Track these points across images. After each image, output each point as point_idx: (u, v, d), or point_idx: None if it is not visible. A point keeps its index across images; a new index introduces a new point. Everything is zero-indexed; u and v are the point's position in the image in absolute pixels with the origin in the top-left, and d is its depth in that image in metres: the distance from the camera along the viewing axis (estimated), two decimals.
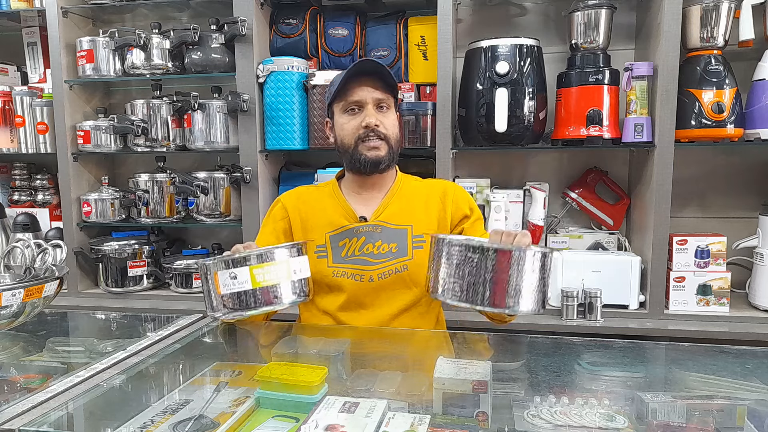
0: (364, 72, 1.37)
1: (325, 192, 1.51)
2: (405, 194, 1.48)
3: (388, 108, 1.41)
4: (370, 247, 1.40)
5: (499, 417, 0.87)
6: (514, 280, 0.87)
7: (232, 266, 0.90)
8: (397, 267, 1.40)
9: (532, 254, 0.91)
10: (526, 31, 2.23)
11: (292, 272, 0.94)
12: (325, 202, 1.48)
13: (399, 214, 1.44)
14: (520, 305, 0.88)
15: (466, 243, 0.92)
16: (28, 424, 0.83)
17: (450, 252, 0.92)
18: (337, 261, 1.41)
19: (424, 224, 1.44)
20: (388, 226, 1.42)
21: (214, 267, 0.91)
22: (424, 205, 1.46)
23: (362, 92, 1.37)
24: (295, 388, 0.96)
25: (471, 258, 0.89)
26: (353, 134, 1.39)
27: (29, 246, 1.30)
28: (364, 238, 1.41)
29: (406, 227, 1.43)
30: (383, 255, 1.40)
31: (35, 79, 2.52)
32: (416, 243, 1.42)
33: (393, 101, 1.43)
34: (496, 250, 0.89)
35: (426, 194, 1.48)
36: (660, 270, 1.91)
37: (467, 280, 0.89)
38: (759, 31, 1.88)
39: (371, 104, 1.38)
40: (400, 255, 1.40)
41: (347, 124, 1.40)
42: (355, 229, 1.42)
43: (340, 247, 1.42)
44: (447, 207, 1.46)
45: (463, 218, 1.46)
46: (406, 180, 1.52)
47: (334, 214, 1.45)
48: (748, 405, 0.96)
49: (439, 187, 1.50)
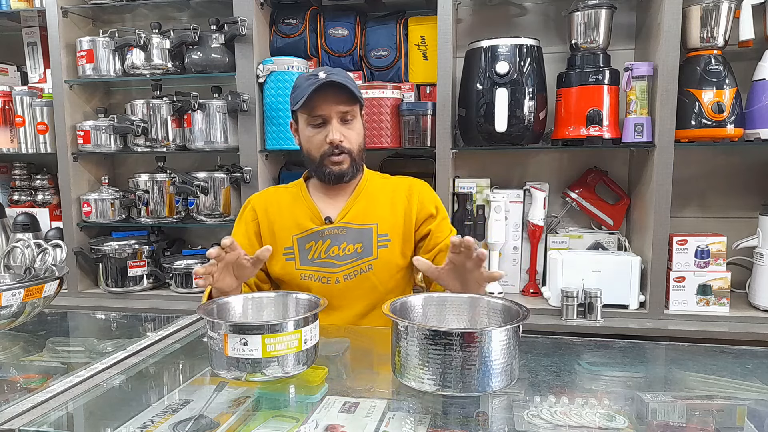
0: (327, 84, 1.36)
1: (292, 193, 1.52)
2: (370, 193, 1.49)
3: (353, 118, 1.41)
4: (336, 249, 1.43)
5: (498, 417, 0.86)
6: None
7: (244, 333, 0.89)
8: (362, 267, 1.42)
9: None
10: (526, 31, 2.23)
11: (304, 342, 0.93)
12: (292, 203, 1.49)
13: (364, 214, 1.46)
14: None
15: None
16: (28, 424, 0.83)
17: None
18: (304, 264, 1.44)
19: (390, 222, 1.45)
20: (353, 227, 1.44)
21: (224, 328, 0.90)
22: (390, 203, 1.48)
23: (326, 107, 1.37)
24: (295, 388, 0.96)
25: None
26: (318, 149, 1.41)
27: (29, 246, 1.30)
28: (330, 240, 1.43)
29: (371, 226, 1.44)
30: (348, 256, 1.43)
31: (35, 79, 2.52)
32: (381, 242, 1.44)
33: (358, 109, 1.43)
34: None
35: (392, 191, 1.50)
36: (660, 270, 1.91)
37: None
38: (759, 31, 1.88)
39: (335, 118, 1.38)
40: (365, 255, 1.43)
41: (313, 137, 1.41)
42: (320, 232, 1.44)
43: (307, 250, 1.44)
44: (413, 205, 1.47)
45: (428, 217, 1.47)
46: (372, 178, 1.53)
47: (301, 216, 1.47)
48: (748, 405, 0.96)
49: (405, 185, 1.51)
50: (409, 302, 1.06)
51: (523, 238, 2.14)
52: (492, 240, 2.06)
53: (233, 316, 1.07)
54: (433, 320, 1.07)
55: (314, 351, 0.97)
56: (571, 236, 2.16)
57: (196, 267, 1.15)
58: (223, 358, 0.91)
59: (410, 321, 0.99)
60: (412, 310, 1.05)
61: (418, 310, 1.06)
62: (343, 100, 1.38)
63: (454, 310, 1.08)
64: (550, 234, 2.18)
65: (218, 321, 0.94)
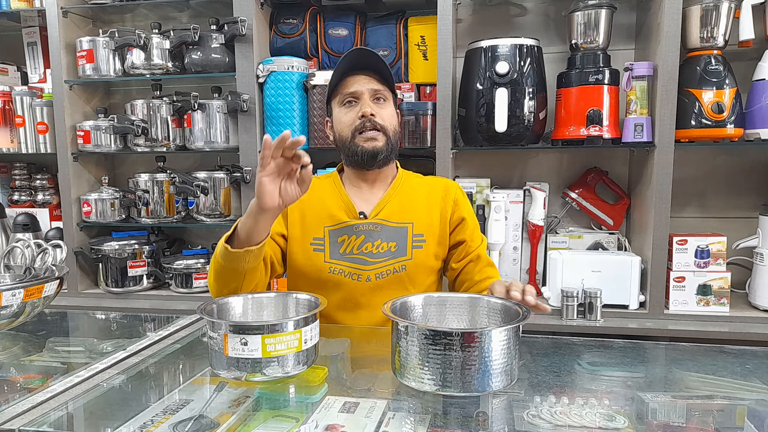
0: (359, 67, 1.37)
1: (326, 183, 1.47)
2: (406, 190, 1.45)
3: (386, 100, 1.39)
4: (369, 246, 1.38)
5: (499, 417, 0.86)
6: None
7: (244, 333, 0.89)
8: (395, 267, 1.38)
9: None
10: (526, 31, 2.23)
11: (304, 342, 0.93)
12: (326, 193, 1.45)
13: (399, 212, 1.41)
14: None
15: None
16: (28, 424, 0.83)
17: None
18: (334, 257, 1.39)
19: (425, 223, 1.42)
20: (388, 224, 1.40)
21: (224, 328, 0.90)
22: (426, 203, 1.44)
23: (358, 84, 1.37)
24: (295, 388, 0.96)
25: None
26: (350, 126, 1.37)
27: (29, 246, 1.30)
28: (364, 236, 1.39)
29: (406, 225, 1.41)
30: (381, 254, 1.38)
31: (35, 79, 2.52)
32: (416, 242, 1.40)
33: (391, 95, 1.42)
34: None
35: (428, 191, 1.46)
36: (660, 270, 1.91)
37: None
38: (759, 31, 1.88)
39: (367, 95, 1.37)
40: (399, 255, 1.39)
41: (344, 116, 1.39)
42: (354, 227, 1.39)
43: (339, 243, 1.39)
44: (448, 205, 1.44)
45: (461, 221, 1.44)
46: (408, 176, 1.50)
47: (334, 207, 1.41)
48: (748, 405, 0.96)
49: (441, 185, 1.48)
50: (409, 302, 1.06)
51: (523, 238, 2.14)
52: (492, 240, 2.06)
53: (233, 316, 1.07)
54: (433, 320, 1.07)
55: (314, 351, 0.97)
56: (571, 236, 2.16)
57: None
58: (223, 358, 0.91)
59: (410, 321, 0.99)
60: (412, 310, 1.06)
61: (418, 310, 1.06)
62: (375, 79, 1.38)
63: (454, 310, 1.08)
64: (550, 234, 2.18)
65: (218, 321, 0.94)
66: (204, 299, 1.50)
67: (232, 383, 0.96)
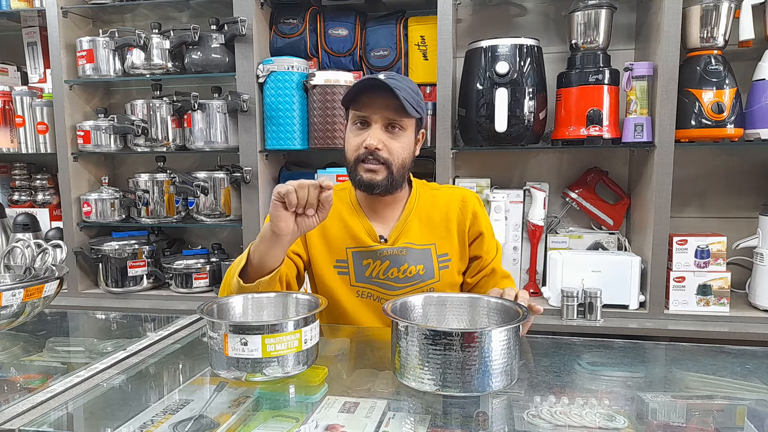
0: (380, 86, 1.24)
1: (344, 201, 1.40)
2: (423, 209, 1.39)
3: (401, 129, 1.28)
4: (395, 271, 1.34)
5: (499, 417, 0.86)
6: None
7: (244, 333, 0.89)
8: (424, 291, 1.33)
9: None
10: (526, 31, 2.23)
11: (304, 342, 0.93)
12: (345, 212, 1.38)
13: (420, 234, 1.36)
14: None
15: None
16: (28, 424, 0.83)
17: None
18: (360, 280, 1.35)
19: (447, 241, 1.38)
20: (413, 247, 1.35)
21: (224, 328, 0.90)
22: (445, 220, 1.39)
23: (373, 108, 1.26)
24: (295, 388, 0.96)
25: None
26: (354, 151, 1.29)
27: (29, 246, 1.30)
28: (389, 262, 1.34)
29: (429, 246, 1.36)
30: (410, 278, 1.34)
31: (35, 79, 2.52)
32: (442, 263, 1.36)
33: (412, 124, 1.31)
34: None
35: (445, 206, 1.40)
36: (660, 270, 1.91)
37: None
38: (759, 31, 1.88)
39: (379, 123, 1.27)
40: (428, 277, 1.35)
41: (352, 138, 1.30)
42: (379, 252, 1.34)
43: (364, 266, 1.35)
44: (466, 218, 1.39)
45: (479, 236, 1.40)
46: (422, 191, 1.43)
47: (356, 229, 1.36)
48: (748, 405, 0.96)
49: (457, 197, 1.41)
50: (409, 302, 1.06)
51: (523, 238, 2.14)
52: None
53: (233, 316, 1.07)
54: (433, 320, 1.07)
55: (314, 351, 0.97)
56: (571, 236, 2.16)
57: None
58: (223, 358, 0.91)
59: (410, 321, 0.99)
60: (412, 310, 1.06)
61: (418, 310, 1.06)
62: (393, 107, 1.24)
63: (453, 310, 1.08)
64: (550, 234, 2.18)
65: (218, 321, 0.94)
66: (204, 299, 1.50)
67: (232, 383, 0.96)
